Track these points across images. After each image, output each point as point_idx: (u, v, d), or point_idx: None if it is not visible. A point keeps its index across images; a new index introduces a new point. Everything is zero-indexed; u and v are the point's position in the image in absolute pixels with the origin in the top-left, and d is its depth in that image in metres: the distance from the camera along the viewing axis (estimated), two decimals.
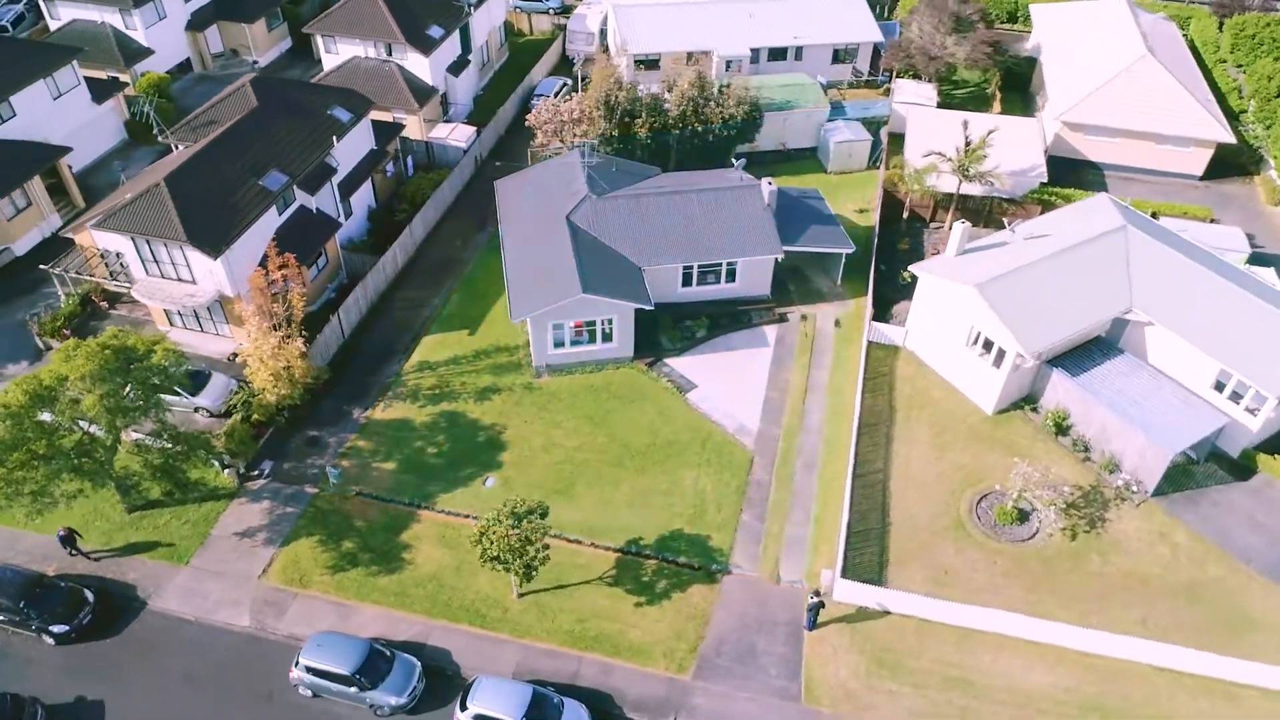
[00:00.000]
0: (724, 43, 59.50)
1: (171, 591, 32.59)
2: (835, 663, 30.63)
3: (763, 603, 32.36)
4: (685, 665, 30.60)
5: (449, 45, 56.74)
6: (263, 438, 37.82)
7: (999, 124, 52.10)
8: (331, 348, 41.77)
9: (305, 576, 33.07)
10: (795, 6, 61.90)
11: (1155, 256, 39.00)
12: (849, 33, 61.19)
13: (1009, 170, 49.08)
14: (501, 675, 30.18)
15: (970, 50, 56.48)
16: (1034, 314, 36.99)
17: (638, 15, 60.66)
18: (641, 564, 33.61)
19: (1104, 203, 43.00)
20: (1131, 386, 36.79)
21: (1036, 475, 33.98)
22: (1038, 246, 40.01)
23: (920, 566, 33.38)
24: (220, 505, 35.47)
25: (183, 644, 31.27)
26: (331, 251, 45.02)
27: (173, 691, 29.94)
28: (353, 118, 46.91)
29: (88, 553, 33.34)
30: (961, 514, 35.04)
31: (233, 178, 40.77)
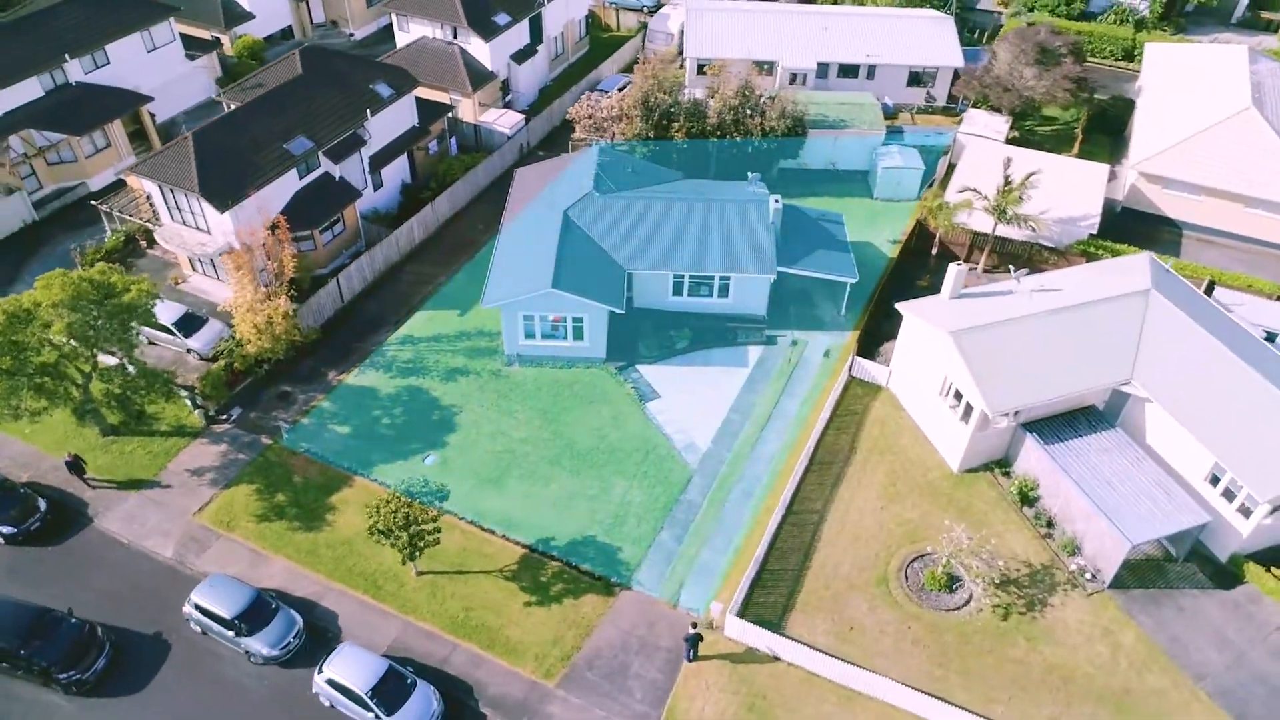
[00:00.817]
0: (790, 54, 57.93)
1: (116, 514, 35.05)
2: (705, 700, 29.49)
3: (652, 624, 31.55)
4: (553, 672, 30.27)
5: (515, 33, 57.83)
6: (238, 385, 39.97)
7: (1062, 167, 48.69)
8: (326, 310, 43.62)
9: (233, 520, 34.81)
10: (875, 24, 59.53)
11: (1173, 328, 35.24)
12: (927, 55, 58.25)
13: (1058, 217, 45.64)
14: (378, 646, 30.83)
15: (1051, 85, 52.60)
16: (1010, 371, 34.21)
17: (709, 19, 59.90)
18: (545, 564, 33.44)
19: (1141, 263, 39.17)
20: (1110, 465, 33.44)
21: (967, 542, 31.49)
22: (1042, 300, 36.96)
23: (827, 617, 31.62)
24: (184, 442, 37.80)
25: (111, 563, 33.58)
26: (350, 219, 46.95)
27: (87, 605, 32.18)
28: (393, 94, 48.67)
29: (88, 479, 35.92)
30: (889, 571, 32.92)
31: (259, 139, 43.18)
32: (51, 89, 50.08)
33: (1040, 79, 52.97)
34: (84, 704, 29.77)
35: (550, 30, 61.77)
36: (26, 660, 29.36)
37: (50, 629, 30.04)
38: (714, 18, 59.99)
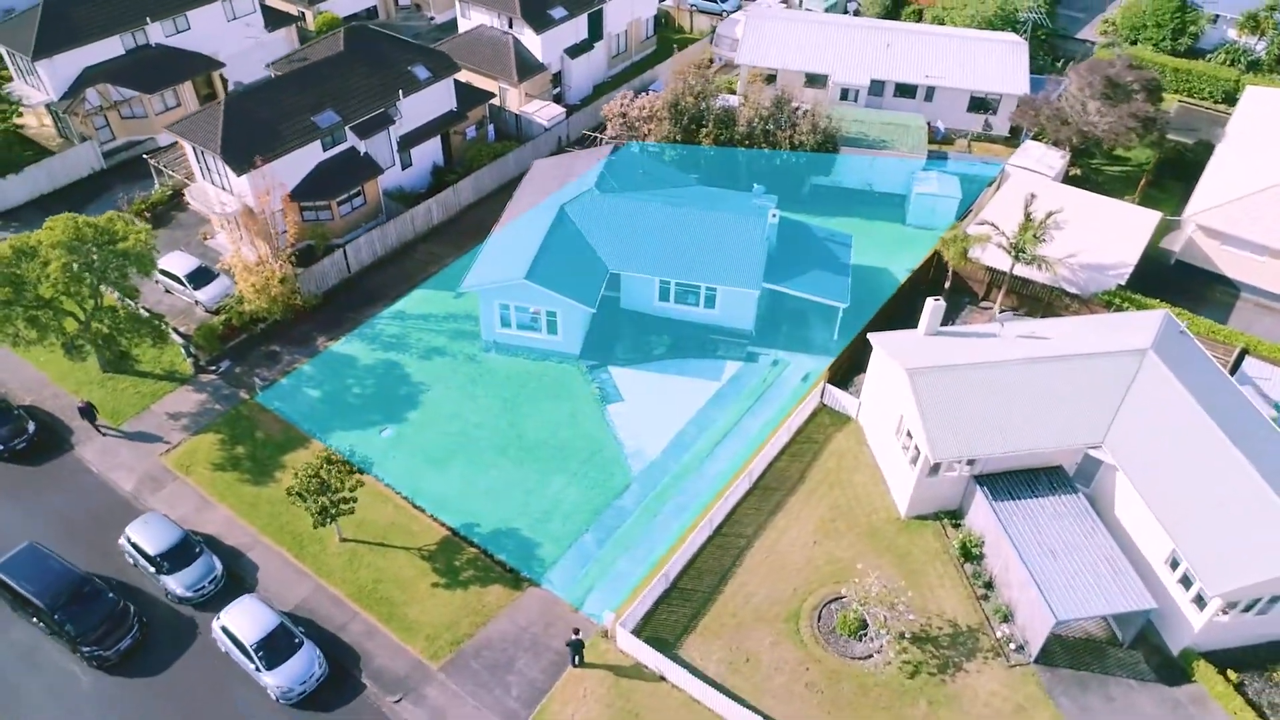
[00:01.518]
0: (843, 68, 56.20)
1: (94, 445, 37.57)
2: (578, 708, 29.15)
3: (550, 624, 31.40)
4: (439, 655, 30.59)
5: (571, 27, 58.36)
6: (231, 340, 42.07)
7: (1109, 210, 45.63)
8: (330, 279, 45.33)
9: (192, 466, 36.75)
10: (942, 44, 56.98)
11: (1162, 395, 32.33)
12: (991, 80, 55.31)
13: (1087, 262, 42.68)
14: (285, 603, 31.96)
15: (1115, 122, 49.03)
16: (964, 417, 32.20)
17: (766, 27, 58.77)
18: (464, 549, 33.79)
19: (1152, 320, 36.09)
20: (1060, 532, 30.99)
21: (877, 589, 29.87)
22: (1022, 347, 34.61)
23: (726, 645, 30.67)
24: (171, 387, 40.14)
25: (77, 489, 36.06)
26: (371, 193, 48.58)
27: (46, 522, 34.65)
28: (430, 78, 50.05)
29: (98, 425, 38.19)
30: (803, 608, 31.60)
31: (289, 109, 45.28)
32: (132, 48, 53.94)
33: (1104, 114, 49.47)
34: (101, 679, 30.21)
35: (612, 27, 62.04)
36: (59, 624, 30.01)
37: (88, 599, 30.45)
38: (774, 26, 58.83)
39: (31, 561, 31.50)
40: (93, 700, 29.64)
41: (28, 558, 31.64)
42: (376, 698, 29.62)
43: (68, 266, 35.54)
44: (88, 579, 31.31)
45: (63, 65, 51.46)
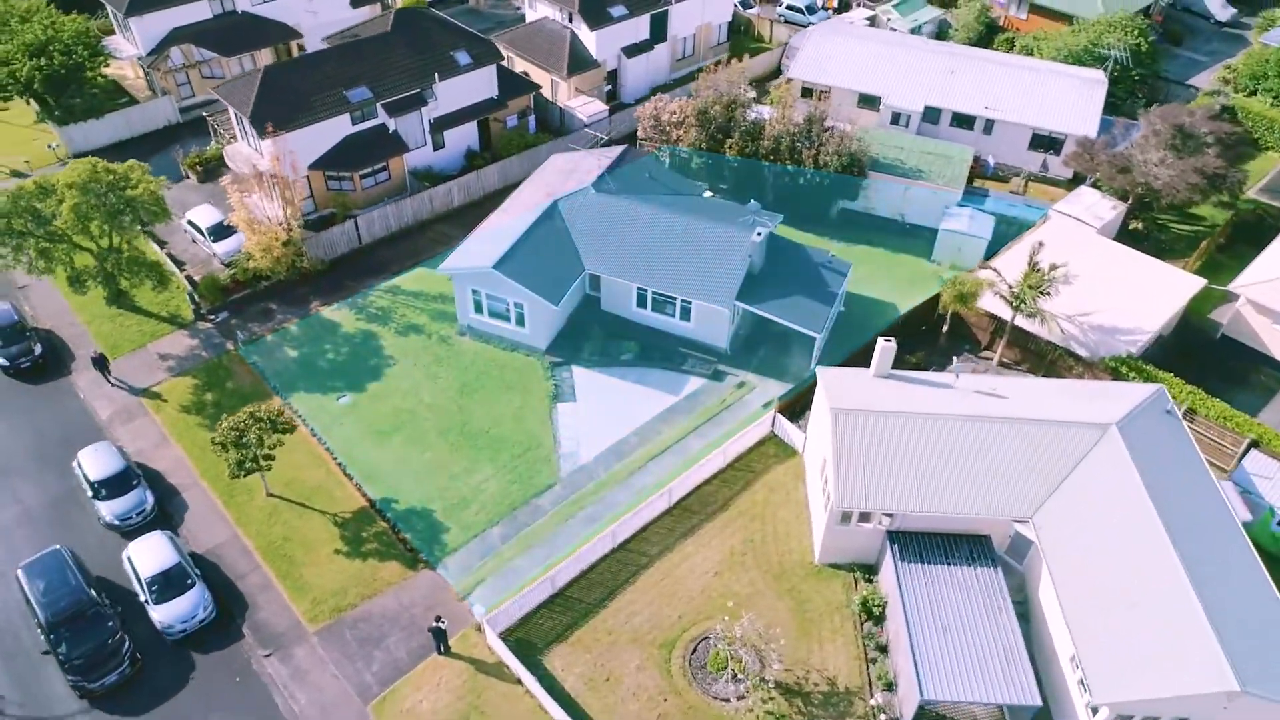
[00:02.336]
0: (898, 92, 53.72)
1: (88, 375, 40.58)
2: (428, 695, 29.32)
3: (431, 608, 31.66)
4: (318, 619, 31.44)
5: (630, 26, 58.29)
6: (234, 294, 44.48)
7: (1146, 271, 42.05)
8: (339, 247, 47.18)
9: (163, 405, 39.17)
10: (1012, 74, 53.56)
11: (1111, 478, 29.41)
12: (1057, 118, 51.54)
13: (1102, 324, 39.41)
14: (198, 544, 33.69)
15: (1176, 176, 44.73)
16: (884, 468, 30.27)
17: (828, 42, 56.89)
18: (376, 522, 34.55)
19: (1134, 394, 32.85)
20: (960, 607, 28.70)
21: (739, 632, 28.52)
22: (975, 403, 32.19)
23: (593, 661, 30.09)
24: (170, 329, 42.87)
25: (62, 411, 39.04)
26: (396, 170, 50.20)
27: (26, 437, 37.73)
28: (470, 64, 51.21)
29: (109, 377, 40.64)
30: (682, 638, 30.58)
31: (324, 82, 47.38)
32: (219, 13, 57.85)
33: (1167, 166, 45.21)
34: (85, 709, 29.14)
35: (678, 30, 61.55)
36: (53, 643, 29.28)
37: (89, 623, 29.50)
38: (834, 41, 56.88)
39: (52, 568, 30.70)
40: None
41: (50, 563, 30.87)
42: (250, 649, 30.77)
43: (79, 206, 38.55)
44: (95, 602, 30.07)
45: (153, 23, 55.76)
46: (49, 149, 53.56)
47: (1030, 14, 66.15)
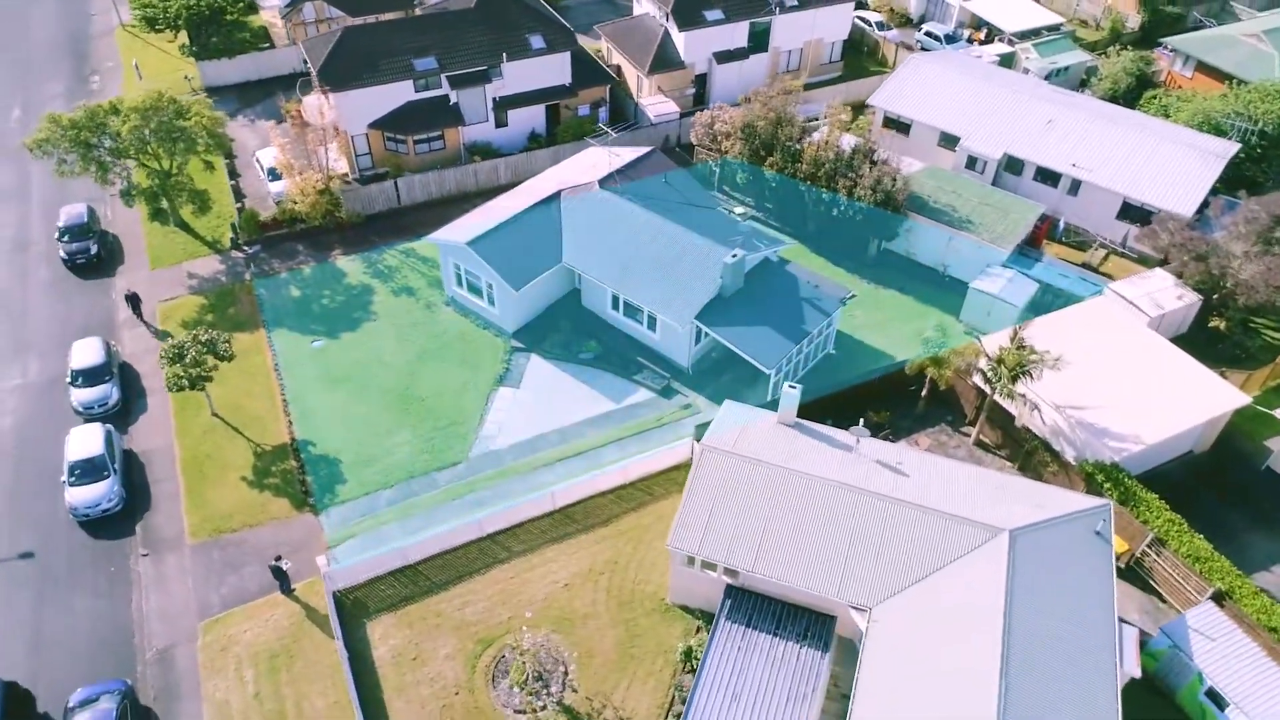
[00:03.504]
0: (978, 135, 49.31)
1: (126, 279, 45.40)
2: (251, 627, 30.67)
3: (298, 551, 32.94)
4: (198, 534, 33.65)
5: (725, 32, 56.99)
6: (271, 231, 48.04)
7: (1188, 377, 36.49)
8: (377, 204, 49.73)
9: (168, 316, 43.13)
10: (1120, 134, 47.78)
11: (976, 586, 25.89)
12: (1152, 189, 45.42)
13: (1093, 423, 34.64)
14: (135, 444, 37.00)
15: (1259, 274, 38.31)
16: (729, 517, 28.25)
17: (922, 71, 53.11)
18: (289, 459, 36.38)
19: (1067, 505, 28.71)
20: (764, 682, 26.33)
21: (527, 645, 27.65)
22: (864, 473, 29.30)
23: (410, 638, 30.34)
24: (207, 252, 47.01)
25: (92, 306, 43.90)
26: (451, 140, 52.12)
27: (60, 323, 42.71)
28: (542, 49, 52.23)
29: (141, 317, 44.03)
30: (501, 639, 30.05)
31: (394, 48, 49.98)
32: None
33: (1251, 259, 38.79)
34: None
35: (782, 43, 59.49)
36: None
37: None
38: (929, 72, 52.99)
39: None
40: None
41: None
42: (134, 546, 33.48)
43: (138, 129, 43.12)
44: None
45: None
46: (185, 79, 60.00)
47: (1197, 72, 58.46)
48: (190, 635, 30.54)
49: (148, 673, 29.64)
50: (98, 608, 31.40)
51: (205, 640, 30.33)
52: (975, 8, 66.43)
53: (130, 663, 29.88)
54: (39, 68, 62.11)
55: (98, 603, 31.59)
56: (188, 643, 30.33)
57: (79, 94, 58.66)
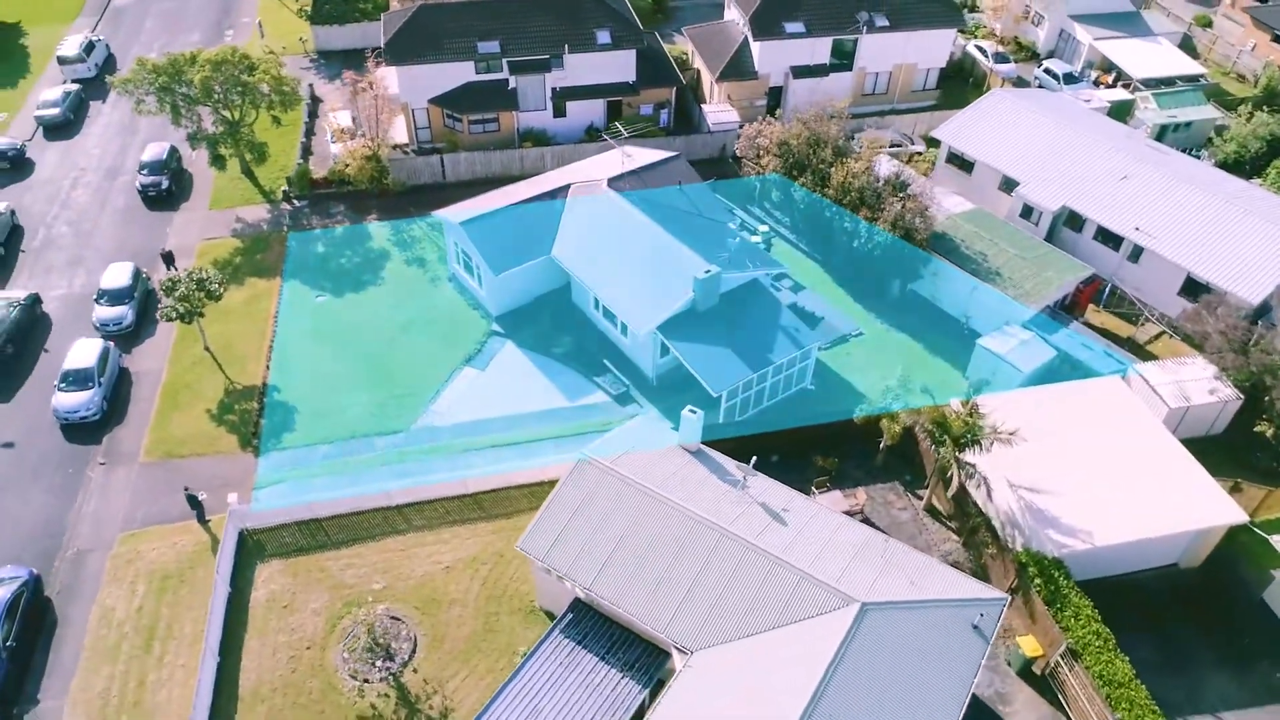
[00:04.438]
0: (1038, 182, 45.32)
1: (182, 215, 49.32)
2: (162, 547, 32.69)
3: (228, 485, 34.67)
4: (152, 454, 36.22)
5: (804, 47, 55.08)
6: (320, 189, 50.83)
7: (1190, 487, 32.49)
8: (421, 176, 51.60)
9: (205, 254, 46.54)
10: (1201, 199, 42.72)
11: (805, 658, 24.03)
12: (1220, 267, 40.26)
13: (1048, 509, 31.32)
14: (137, 365, 40.26)
15: None
16: (583, 533, 27.65)
17: (996, 109, 49.38)
18: (252, 402, 38.50)
19: (954, 590, 26.19)
20: (570, 706, 25.51)
21: (365, 616, 28.02)
22: (735, 511, 27.76)
23: (289, 586, 31.60)
24: (260, 200, 50.35)
25: (153, 234, 47.86)
26: (506, 124, 53.23)
27: (123, 244, 47.04)
28: (607, 44, 52.39)
29: (173, 269, 46.95)
30: (367, 606, 30.53)
31: (462, 29, 51.61)
32: None
33: None
34: None
35: (868, 64, 56.88)
36: None
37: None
38: (1008, 108, 49.17)
39: None
40: None
41: None
42: (95, 453, 36.46)
43: (207, 79, 46.81)
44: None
45: None
46: (300, 41, 64.41)
47: None
48: (108, 544, 33.00)
49: (61, 569, 32.33)
50: (45, 503, 34.52)
51: (118, 550, 32.72)
52: (1107, 49, 60.98)
53: (51, 557, 32.68)
54: (187, 18, 68.30)
55: (47, 498, 34.71)
56: (103, 550, 32.80)
57: (212, 44, 63.95)
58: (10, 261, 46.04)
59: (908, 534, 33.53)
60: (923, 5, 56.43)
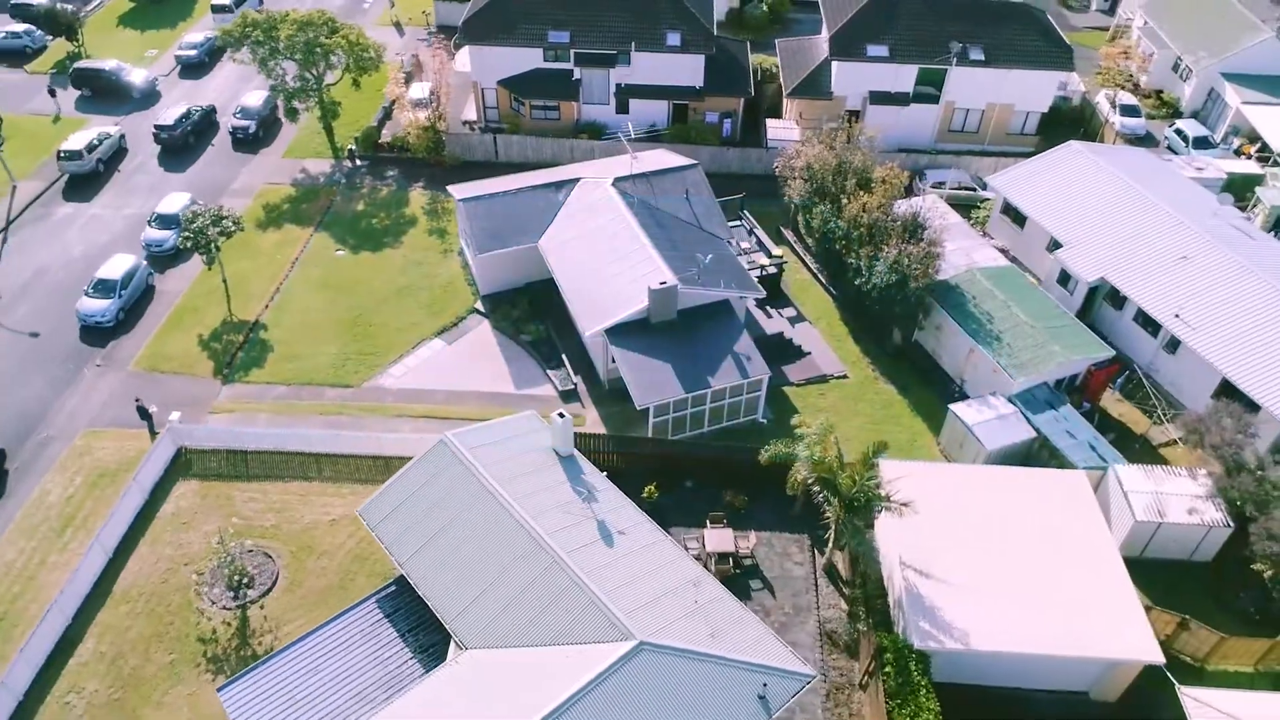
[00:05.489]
0: (1082, 248, 40.97)
1: (256, 159, 53.59)
2: (109, 447, 35.96)
3: (198, 404, 37.85)
4: (139, 365, 39.81)
5: (887, 72, 52.22)
6: (382, 152, 53.71)
7: (1124, 612, 29.08)
8: (475, 153, 53.32)
9: (261, 198, 50.36)
10: (1265, 290, 37.02)
11: (553, 679, 23.33)
12: (1257, 376, 34.76)
13: (929, 599, 28.64)
14: (167, 286, 44.33)
15: None
16: (416, 513, 27.89)
17: (1066, 162, 45.00)
18: (242, 331, 41.46)
19: (758, 653, 24.53)
20: (339, 681, 26.01)
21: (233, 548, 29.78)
22: (566, 520, 27.14)
23: (197, 507, 33.92)
24: (328, 154, 53.87)
25: (228, 173, 52.48)
26: (566, 113, 54.00)
27: (199, 176, 51.82)
28: (677, 47, 51.95)
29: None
30: (252, 539, 32.34)
31: (536, 16, 52.46)
32: None
33: None
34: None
35: (957, 98, 53.22)
36: None
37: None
38: (1081, 163, 44.86)
39: None
40: None
41: None
42: (95, 356, 40.43)
43: (292, 38, 50.59)
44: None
45: None
46: (423, 14, 68.13)
47: None
48: (71, 436, 36.70)
49: (25, 449, 36.28)
50: (39, 390, 38.78)
51: (76, 444, 36.33)
52: (1255, 116, 53.98)
53: (25, 438, 36.71)
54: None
55: (42, 387, 38.97)
56: (65, 441, 36.51)
57: (353, 12, 68.91)
58: (106, 178, 51.81)
59: (794, 590, 31.49)
60: (1028, 42, 52.11)
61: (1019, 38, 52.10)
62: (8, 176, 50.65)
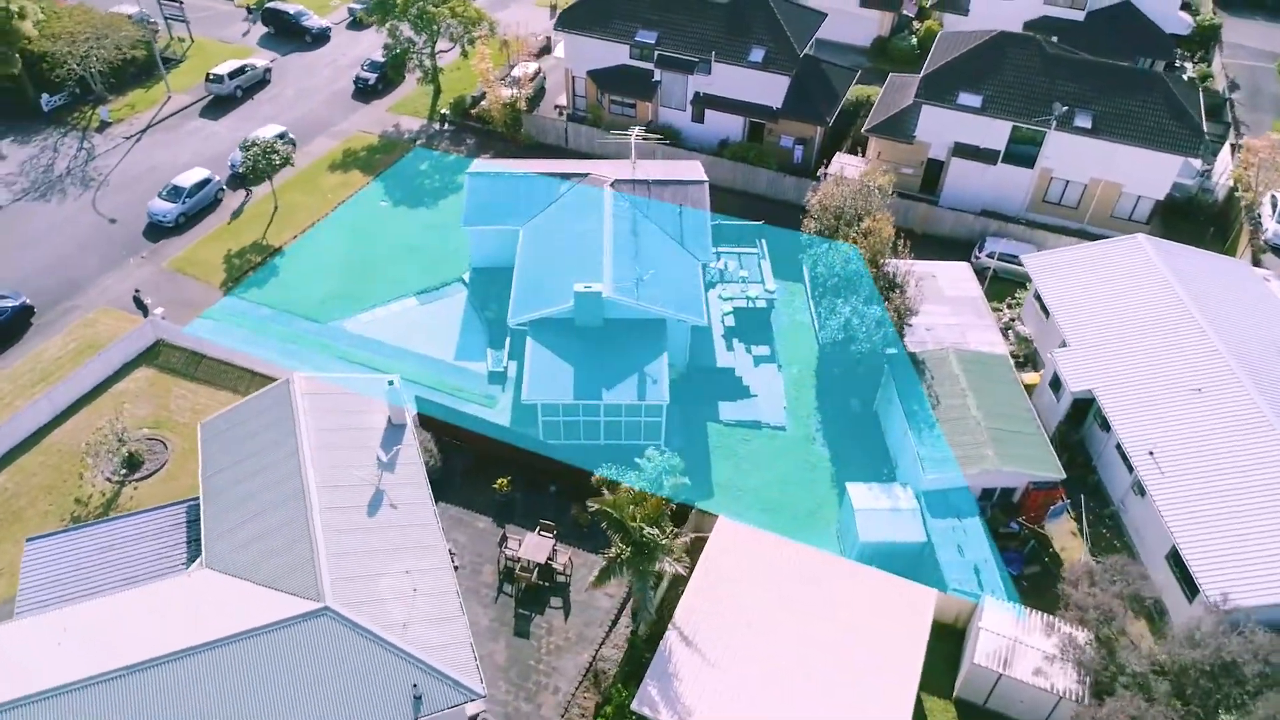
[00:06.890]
0: (1082, 356, 35.60)
1: (368, 109, 58.48)
2: (108, 324, 41.29)
3: (191, 307, 42.59)
4: (171, 267, 45.21)
5: (977, 125, 47.50)
6: (469, 121, 56.64)
7: None
8: (548, 136, 54.95)
9: (349, 142, 55.02)
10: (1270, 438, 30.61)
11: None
12: (1221, 558, 28.86)
13: (684, 684, 27.01)
14: (229, 204, 49.92)
15: None
16: (238, 442, 29.90)
17: (1118, 254, 39.30)
18: (264, 254, 45.91)
19: (450, 656, 24.41)
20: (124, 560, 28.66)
21: (119, 427, 33.59)
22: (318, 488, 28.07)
23: (155, 396, 38.24)
24: (424, 114, 57.73)
25: (335, 116, 57.87)
26: (641, 112, 54.14)
27: (310, 114, 57.59)
28: (758, 63, 50.43)
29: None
30: (176, 427, 36.10)
31: (631, 13, 52.96)
32: None
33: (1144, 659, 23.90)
34: None
35: (1055, 167, 47.56)
36: None
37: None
38: (1135, 260, 38.96)
39: None
40: None
41: None
42: (147, 252, 46.38)
43: (408, 4, 54.63)
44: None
45: None
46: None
47: None
48: (89, 310, 42.61)
49: (54, 311, 42.53)
50: (89, 266, 45.19)
51: (88, 316, 42.18)
52: None
53: (57, 302, 43.07)
54: None
55: (94, 264, 45.32)
56: (84, 312, 42.46)
57: None
58: (242, 103, 58.74)
59: (589, 620, 30.66)
60: (1150, 115, 45.43)
61: (1140, 110, 45.48)
62: (166, 88, 58.94)
